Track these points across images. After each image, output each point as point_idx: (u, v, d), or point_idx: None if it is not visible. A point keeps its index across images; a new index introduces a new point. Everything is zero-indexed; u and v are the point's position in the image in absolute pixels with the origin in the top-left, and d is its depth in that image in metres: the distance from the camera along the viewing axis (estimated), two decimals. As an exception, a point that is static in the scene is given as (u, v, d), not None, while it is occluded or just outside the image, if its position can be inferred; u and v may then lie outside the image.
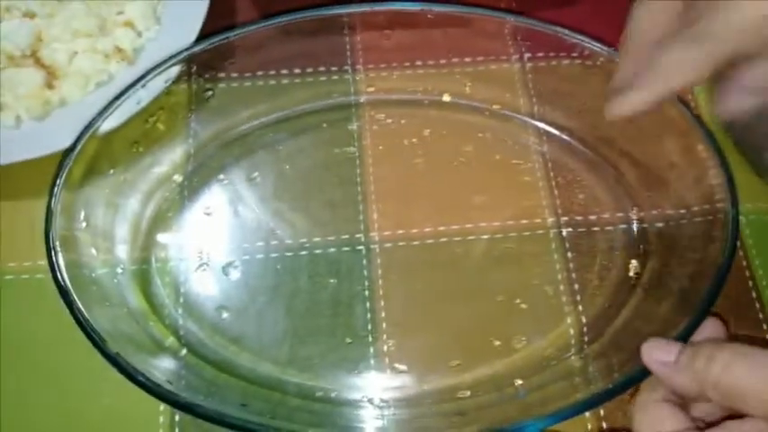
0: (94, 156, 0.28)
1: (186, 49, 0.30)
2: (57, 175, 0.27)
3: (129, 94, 0.28)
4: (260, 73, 0.34)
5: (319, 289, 0.29)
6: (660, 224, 0.30)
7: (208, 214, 0.31)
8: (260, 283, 0.29)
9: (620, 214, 0.31)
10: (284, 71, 0.34)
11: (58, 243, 0.25)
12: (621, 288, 0.29)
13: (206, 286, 0.29)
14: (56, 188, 0.26)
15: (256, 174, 0.32)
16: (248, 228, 0.31)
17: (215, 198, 0.32)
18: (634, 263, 0.29)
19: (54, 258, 0.25)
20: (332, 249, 0.30)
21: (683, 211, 0.29)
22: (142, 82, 0.29)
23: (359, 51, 0.35)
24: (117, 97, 0.28)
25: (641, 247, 0.30)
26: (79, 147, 0.27)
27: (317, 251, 0.30)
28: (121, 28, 0.33)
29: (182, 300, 0.29)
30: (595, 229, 0.30)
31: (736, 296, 0.29)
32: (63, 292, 0.24)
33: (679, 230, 0.29)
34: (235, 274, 0.30)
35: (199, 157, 0.32)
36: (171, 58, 0.30)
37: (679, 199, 0.29)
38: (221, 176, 0.32)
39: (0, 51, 0.32)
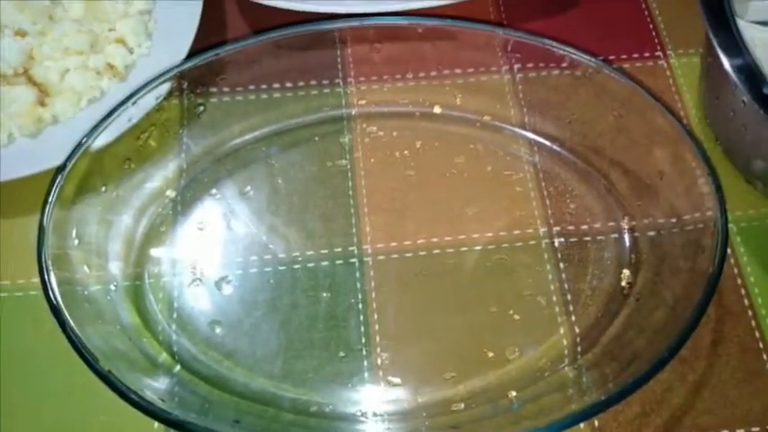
0: (86, 173, 0.28)
1: (177, 66, 0.30)
2: (48, 193, 0.27)
3: (120, 111, 0.28)
4: (251, 87, 0.34)
5: (313, 302, 0.29)
6: (651, 233, 0.30)
7: (201, 229, 0.31)
8: (253, 297, 0.29)
9: (611, 224, 0.31)
10: (276, 85, 0.34)
11: (50, 261, 0.25)
12: (614, 298, 0.29)
13: (199, 301, 0.29)
14: (48, 206, 0.26)
15: (249, 188, 0.32)
16: (241, 242, 0.31)
17: (208, 213, 0.32)
18: (626, 272, 0.29)
19: (46, 277, 0.25)
20: (325, 263, 0.30)
21: (673, 220, 0.29)
22: (133, 99, 0.29)
23: (350, 65, 0.35)
24: (108, 115, 0.28)
25: (633, 256, 0.30)
26: (71, 164, 0.27)
27: (311, 264, 0.30)
28: (113, 45, 0.33)
29: (175, 315, 0.29)
30: (587, 238, 0.31)
31: (729, 304, 0.29)
32: (55, 311, 0.24)
33: (670, 239, 0.29)
34: (228, 289, 0.30)
35: (191, 173, 0.32)
36: (162, 75, 0.30)
37: (669, 208, 0.30)
38: (214, 191, 0.32)
39: (-8, 70, 0.32)
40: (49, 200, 0.26)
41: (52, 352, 0.28)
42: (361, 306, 0.29)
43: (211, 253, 0.31)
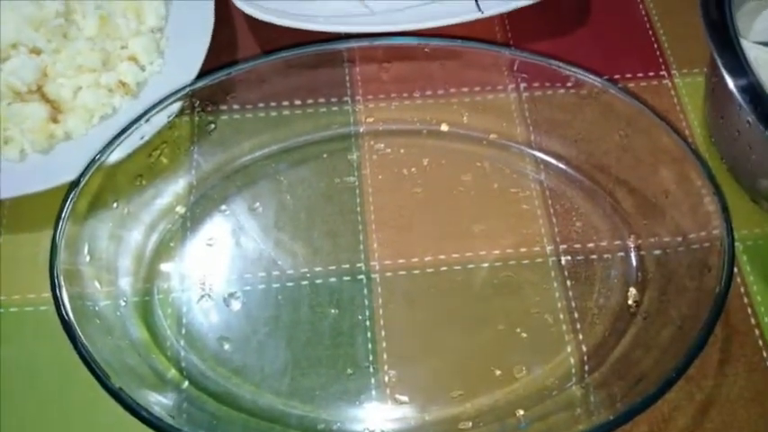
0: (99, 189, 0.28)
1: (189, 85, 0.31)
2: (61, 209, 0.27)
3: (132, 129, 0.29)
4: (261, 105, 0.35)
5: (320, 319, 0.29)
6: (657, 252, 0.30)
7: (210, 245, 0.31)
8: (261, 313, 0.30)
9: (617, 242, 0.31)
10: (285, 103, 0.35)
11: (62, 277, 0.25)
12: (621, 316, 0.29)
13: (208, 317, 0.30)
14: (61, 222, 0.27)
15: (258, 204, 0.32)
16: (250, 258, 0.31)
17: (217, 229, 0.32)
18: (633, 291, 0.30)
19: (58, 293, 0.25)
20: (333, 279, 0.31)
21: (679, 239, 0.30)
22: (146, 117, 0.29)
23: (358, 83, 0.35)
24: (121, 132, 0.29)
25: (639, 275, 0.30)
26: (84, 181, 0.28)
27: (318, 281, 0.30)
28: (125, 62, 0.34)
29: (183, 331, 0.29)
30: (593, 257, 0.31)
31: (736, 323, 0.29)
32: (67, 327, 0.25)
33: (676, 258, 0.29)
34: (236, 305, 0.30)
35: (201, 189, 0.32)
36: (173, 93, 0.30)
37: (676, 227, 0.30)
38: (223, 207, 0.32)
39: (7, 87, 0.32)
40: (62, 216, 0.27)
41: (61, 367, 0.28)
42: (368, 323, 0.29)
43: (220, 269, 0.31)
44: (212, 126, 0.33)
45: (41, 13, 0.33)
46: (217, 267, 0.31)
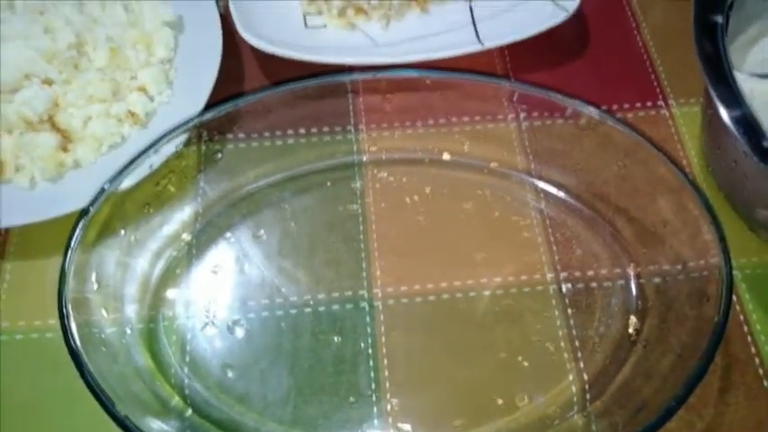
0: (107, 218, 0.29)
1: (196, 116, 0.32)
2: (70, 238, 0.27)
3: (141, 159, 0.30)
4: (267, 134, 0.35)
5: (323, 347, 0.30)
6: (657, 280, 0.30)
7: (215, 272, 0.32)
8: (265, 341, 0.30)
9: (617, 270, 0.31)
10: (290, 132, 0.36)
11: (70, 306, 0.26)
12: (622, 344, 0.29)
13: (212, 344, 0.30)
14: (70, 251, 0.27)
15: (262, 232, 0.33)
16: (254, 285, 0.31)
17: (222, 256, 0.32)
18: (633, 319, 0.30)
19: (66, 322, 0.25)
20: (335, 306, 0.31)
21: (679, 267, 0.30)
22: (155, 147, 0.30)
23: (361, 113, 0.36)
24: (130, 162, 0.29)
25: (639, 303, 0.30)
26: (94, 209, 0.28)
27: (321, 308, 0.31)
28: (135, 93, 0.35)
29: (188, 359, 0.29)
30: (594, 285, 0.31)
31: (736, 352, 0.30)
32: (74, 356, 0.25)
33: (676, 287, 0.29)
34: (240, 332, 0.30)
35: (207, 216, 0.33)
36: (182, 125, 0.31)
37: (675, 255, 0.30)
38: (228, 234, 0.33)
39: (19, 117, 0.33)
40: (71, 245, 0.27)
41: (66, 394, 0.28)
42: (371, 351, 0.30)
43: (224, 296, 0.31)
44: (219, 155, 0.34)
45: (54, 46, 0.34)
46: (221, 295, 0.31)
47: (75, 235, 0.27)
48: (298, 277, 0.32)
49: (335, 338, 0.30)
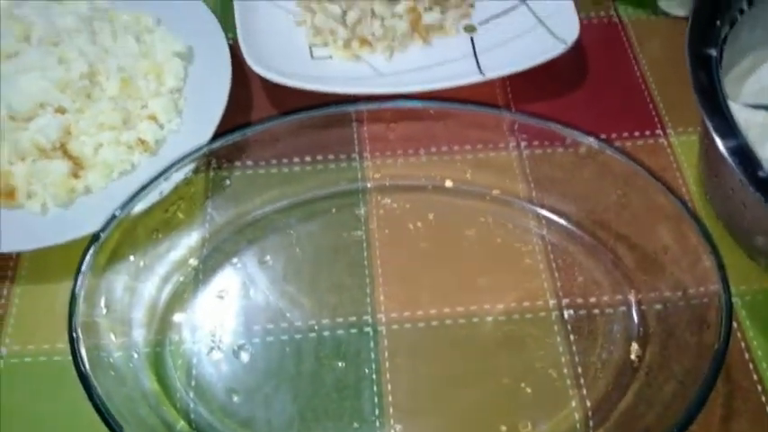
0: (117, 243, 0.30)
1: (206, 145, 0.33)
2: (81, 263, 0.28)
3: (152, 186, 0.30)
4: (273, 162, 0.36)
5: (327, 372, 0.30)
6: (658, 307, 0.31)
7: (221, 297, 0.32)
8: (269, 365, 0.30)
9: (618, 297, 0.32)
10: (296, 160, 0.36)
11: (80, 330, 0.26)
12: (624, 371, 0.29)
13: (217, 369, 0.30)
14: (80, 275, 0.28)
15: (268, 257, 0.33)
16: (259, 310, 0.32)
17: (228, 281, 0.33)
18: (635, 346, 0.30)
19: (76, 347, 0.26)
20: (340, 331, 0.31)
21: (679, 294, 0.30)
22: (165, 175, 0.31)
23: (366, 141, 0.37)
24: (141, 189, 0.30)
25: (641, 329, 0.30)
26: (105, 235, 0.29)
27: (326, 333, 0.31)
28: (145, 121, 0.35)
29: (193, 383, 0.30)
30: (596, 311, 0.31)
31: (738, 379, 0.30)
32: (83, 379, 0.25)
33: (677, 313, 0.30)
34: (245, 357, 0.30)
35: (214, 242, 0.34)
36: (191, 153, 0.32)
37: (675, 282, 0.30)
38: (235, 260, 0.33)
39: (32, 144, 0.34)
40: (82, 269, 0.28)
41: (73, 417, 0.29)
42: (374, 376, 0.30)
43: (230, 321, 0.32)
44: (226, 182, 0.35)
45: (68, 76, 0.35)
46: (227, 319, 0.32)
47: (87, 260, 0.28)
48: (302, 302, 0.32)
49: (339, 363, 0.30)
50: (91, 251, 0.28)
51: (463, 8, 0.43)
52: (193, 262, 0.33)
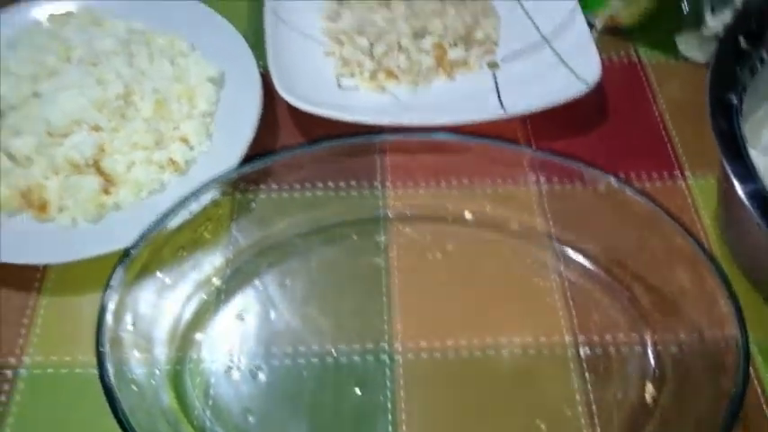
0: (146, 260, 0.30)
1: (235, 169, 0.34)
2: (111, 278, 0.29)
3: (182, 206, 0.31)
4: (298, 187, 0.37)
5: (343, 398, 0.30)
6: (674, 348, 0.31)
7: (241, 318, 0.33)
8: (286, 388, 0.30)
9: (635, 336, 0.32)
10: (320, 185, 0.37)
11: (108, 345, 0.27)
12: (639, 413, 0.29)
13: (235, 389, 0.30)
14: (110, 290, 0.28)
15: (288, 281, 0.34)
16: (278, 333, 0.32)
17: (249, 302, 0.33)
18: (650, 387, 0.30)
19: (103, 361, 0.26)
20: (357, 358, 0.32)
21: (696, 337, 0.30)
22: (195, 196, 0.32)
23: (388, 171, 0.38)
24: (172, 209, 0.31)
25: (657, 371, 0.31)
26: (135, 252, 0.29)
27: (343, 359, 0.31)
28: (176, 142, 0.37)
29: (210, 402, 0.30)
30: (611, 350, 0.31)
31: (756, 427, 0.30)
32: (108, 393, 0.26)
33: (693, 356, 0.30)
34: (263, 378, 0.31)
35: (237, 263, 0.34)
36: (221, 176, 0.33)
37: (692, 325, 0.31)
38: (256, 282, 0.34)
39: (66, 160, 0.35)
40: (112, 284, 0.28)
41: (92, 429, 0.29)
42: (389, 405, 0.30)
43: (249, 342, 0.32)
44: (252, 204, 0.36)
45: (104, 95, 0.36)
46: (246, 340, 0.32)
47: (117, 275, 0.29)
48: (321, 327, 0.33)
49: (355, 390, 0.30)
50: (121, 267, 0.29)
51: (487, 45, 0.44)
52: (216, 282, 0.33)
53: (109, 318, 0.28)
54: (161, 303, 0.31)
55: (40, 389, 0.30)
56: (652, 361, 0.31)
